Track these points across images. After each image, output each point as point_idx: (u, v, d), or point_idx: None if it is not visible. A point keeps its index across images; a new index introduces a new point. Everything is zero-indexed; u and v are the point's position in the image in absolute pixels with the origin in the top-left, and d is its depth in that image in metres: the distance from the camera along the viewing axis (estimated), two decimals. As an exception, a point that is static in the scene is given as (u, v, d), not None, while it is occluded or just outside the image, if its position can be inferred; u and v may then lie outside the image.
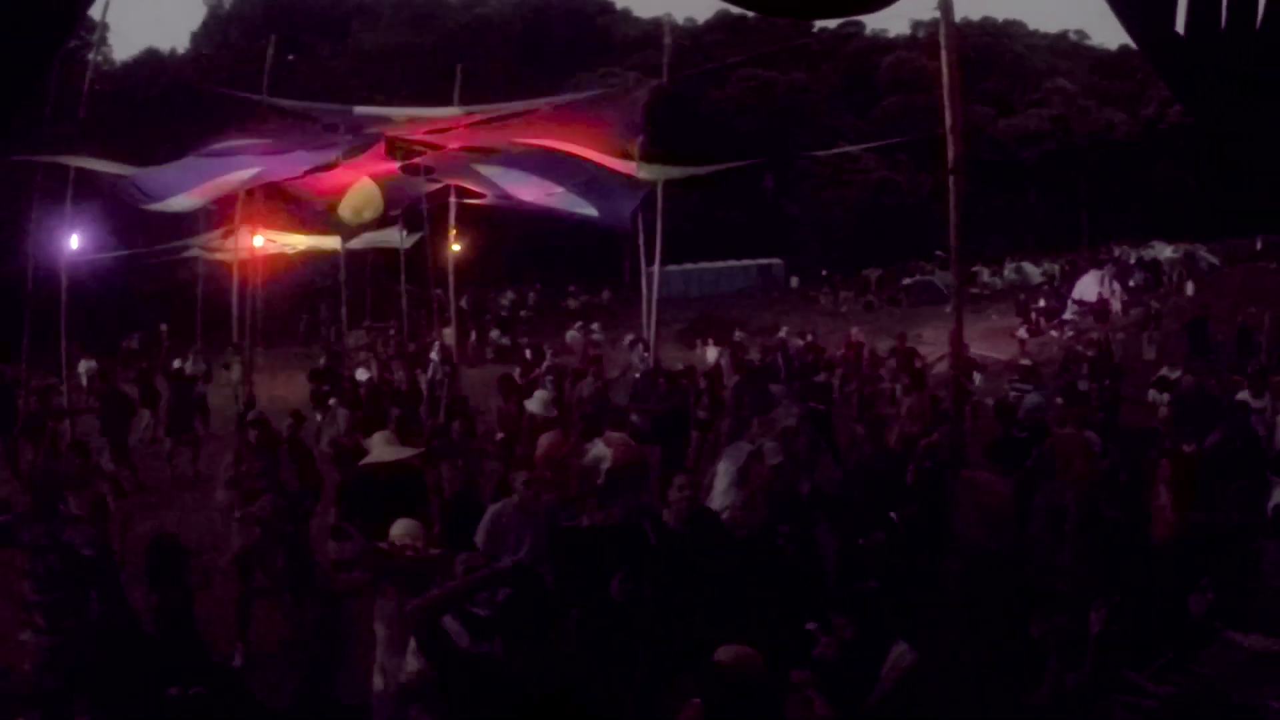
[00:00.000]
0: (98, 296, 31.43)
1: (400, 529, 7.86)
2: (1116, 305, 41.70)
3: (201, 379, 25.60)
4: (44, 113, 20.38)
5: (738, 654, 5.26)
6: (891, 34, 79.89)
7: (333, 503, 11.13)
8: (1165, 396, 17.97)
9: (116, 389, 21.70)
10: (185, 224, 29.59)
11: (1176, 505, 9.69)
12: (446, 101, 22.62)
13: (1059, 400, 17.19)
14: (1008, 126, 70.44)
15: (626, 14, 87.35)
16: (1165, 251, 54.41)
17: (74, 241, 22.44)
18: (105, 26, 30.11)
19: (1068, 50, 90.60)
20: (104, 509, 11.86)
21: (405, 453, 10.81)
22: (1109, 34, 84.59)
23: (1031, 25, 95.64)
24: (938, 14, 14.14)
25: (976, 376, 23.55)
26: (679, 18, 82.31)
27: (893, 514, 9.71)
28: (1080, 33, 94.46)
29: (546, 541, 9.04)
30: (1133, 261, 53.38)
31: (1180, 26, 2.75)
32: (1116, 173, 67.53)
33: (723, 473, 11.51)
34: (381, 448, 10.76)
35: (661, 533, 8.64)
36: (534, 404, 15.28)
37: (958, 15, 14.01)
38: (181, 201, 20.13)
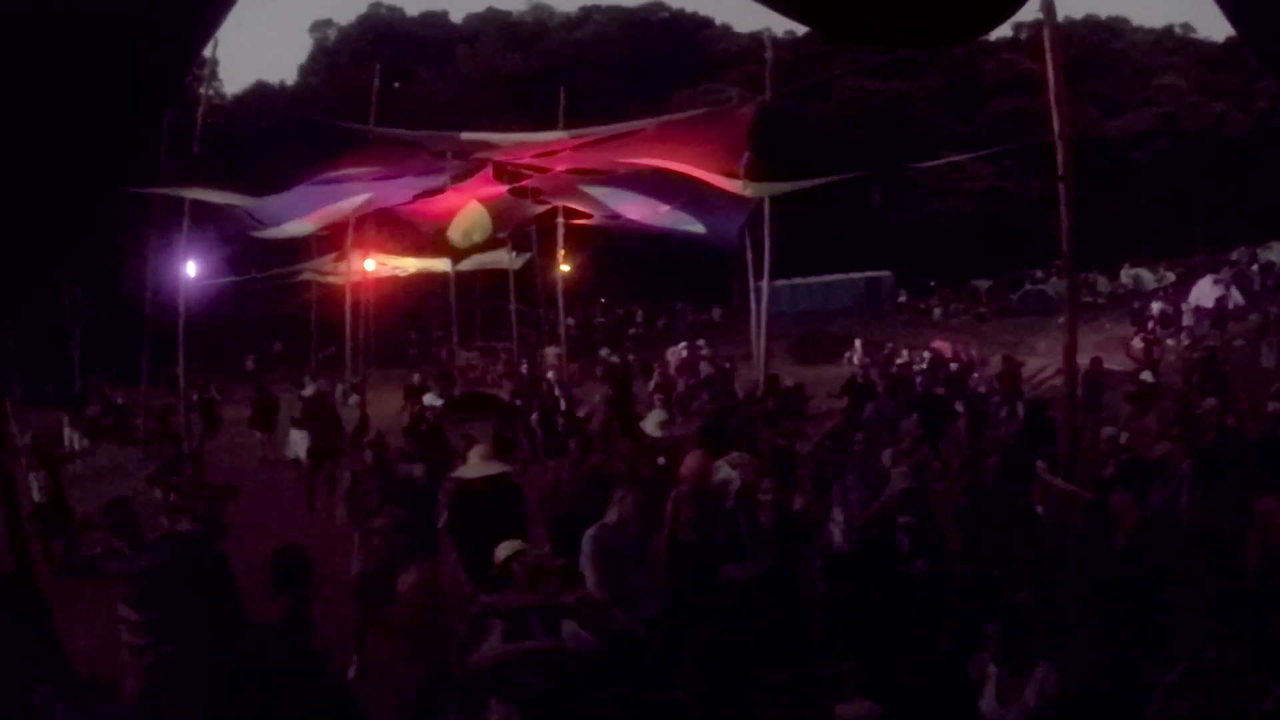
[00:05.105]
0: (214, 320, 32.18)
1: (507, 549, 7.85)
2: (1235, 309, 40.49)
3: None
4: (159, 147, 20.90)
5: (862, 711, 5.28)
6: (993, 37, 78.75)
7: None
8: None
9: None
10: (298, 249, 30.17)
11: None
12: (551, 123, 22.81)
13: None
14: (1116, 127, 68.79)
15: (727, 29, 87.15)
16: (1284, 252, 52.87)
17: (191, 268, 22.93)
18: (215, 62, 30.80)
19: (1174, 45, 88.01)
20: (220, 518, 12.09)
21: (499, 468, 10.76)
22: (1215, 27, 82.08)
23: (1135, 21, 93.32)
24: (1040, 15, 13.97)
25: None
26: (778, 31, 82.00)
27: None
28: (1186, 26, 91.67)
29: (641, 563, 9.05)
30: (1251, 264, 51.91)
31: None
32: (1230, 171, 65.75)
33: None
34: (477, 463, 10.76)
35: (756, 531, 8.75)
36: (649, 425, 14.78)
37: (1059, 14, 13.80)
38: (294, 227, 20.51)
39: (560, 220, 24.91)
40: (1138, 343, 31.94)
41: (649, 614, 8.64)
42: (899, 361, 29.93)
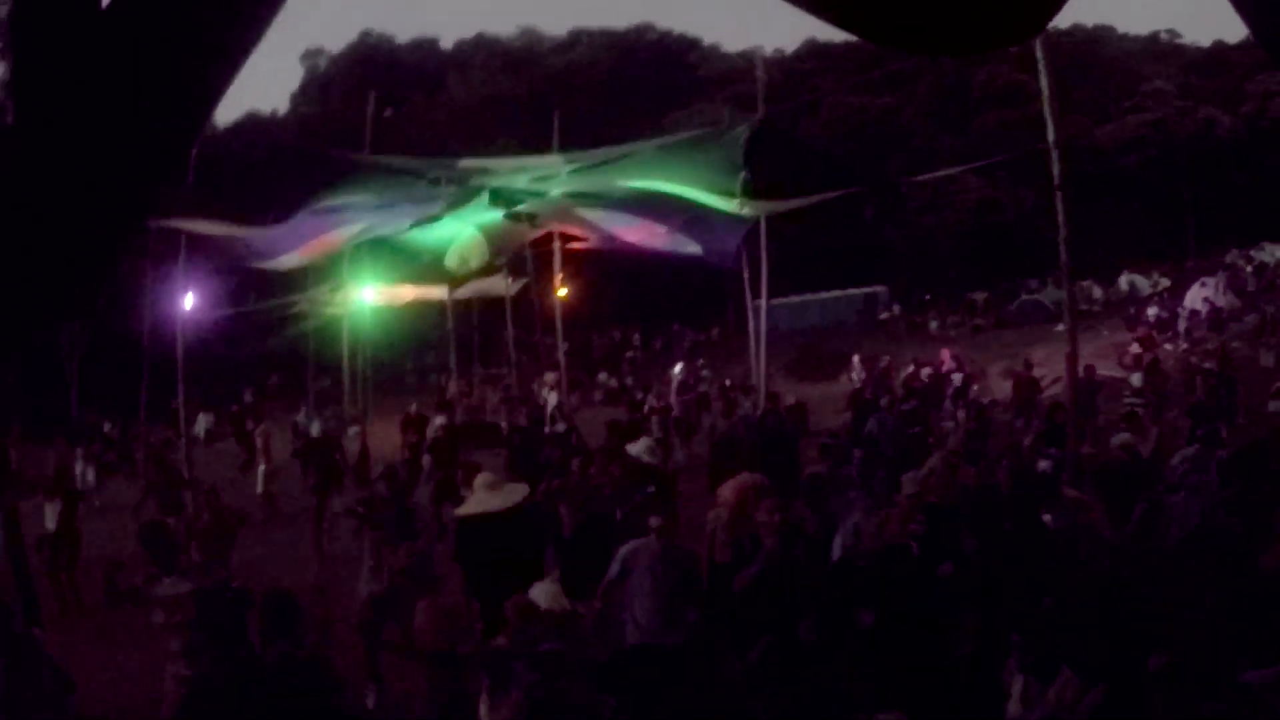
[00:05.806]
0: (213, 353, 32.13)
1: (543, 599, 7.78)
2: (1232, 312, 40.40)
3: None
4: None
5: None
6: (981, 48, 78.60)
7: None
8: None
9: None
10: (295, 280, 30.13)
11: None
12: (545, 146, 22.83)
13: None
14: (1106, 134, 68.88)
15: (715, 49, 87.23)
16: (1277, 253, 52.76)
17: (188, 301, 22.95)
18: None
19: (1160, 51, 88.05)
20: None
21: (510, 500, 10.45)
22: (1201, 32, 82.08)
23: (1121, 29, 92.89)
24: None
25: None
26: (767, 49, 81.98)
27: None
28: (1172, 32, 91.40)
29: (687, 586, 9.01)
30: (1245, 266, 51.89)
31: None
32: (1221, 174, 65.80)
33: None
34: (483, 495, 10.45)
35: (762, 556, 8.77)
36: (638, 449, 14.10)
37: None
38: (291, 259, 20.45)
39: (557, 245, 24.90)
40: (1135, 348, 31.89)
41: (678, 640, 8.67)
42: (904, 374, 29.86)
